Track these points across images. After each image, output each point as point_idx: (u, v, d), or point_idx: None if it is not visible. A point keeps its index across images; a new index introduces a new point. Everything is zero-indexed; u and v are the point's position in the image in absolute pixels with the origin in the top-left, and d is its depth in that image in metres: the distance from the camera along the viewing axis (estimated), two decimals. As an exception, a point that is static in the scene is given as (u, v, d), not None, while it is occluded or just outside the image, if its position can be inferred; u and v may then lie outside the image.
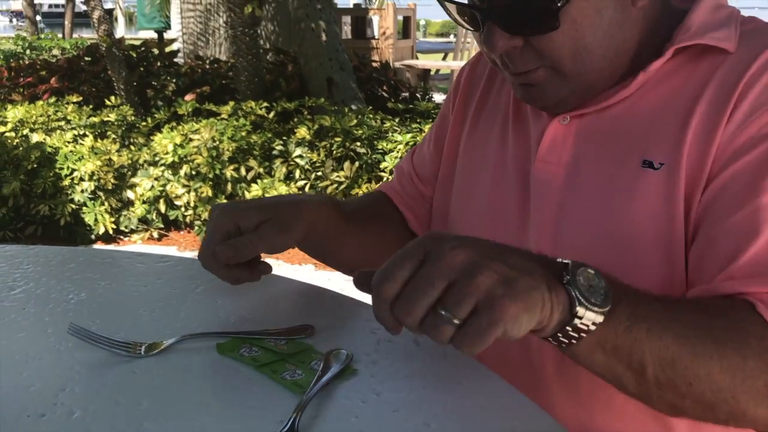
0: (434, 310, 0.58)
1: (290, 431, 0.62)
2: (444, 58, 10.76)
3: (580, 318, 0.61)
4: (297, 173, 3.88)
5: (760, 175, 0.72)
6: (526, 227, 0.87)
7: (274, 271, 0.93)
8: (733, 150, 0.74)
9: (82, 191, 3.91)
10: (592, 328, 0.61)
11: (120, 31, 18.99)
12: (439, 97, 6.38)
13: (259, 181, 3.85)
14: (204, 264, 0.87)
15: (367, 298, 0.95)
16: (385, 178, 3.86)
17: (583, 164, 0.83)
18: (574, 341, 0.62)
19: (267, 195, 3.77)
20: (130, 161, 4.00)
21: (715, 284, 0.72)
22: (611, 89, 0.82)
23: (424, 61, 9.57)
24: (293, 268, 3.58)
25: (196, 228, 3.97)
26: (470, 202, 0.96)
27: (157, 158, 3.98)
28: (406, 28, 10.12)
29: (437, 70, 9.65)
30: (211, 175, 3.88)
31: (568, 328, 0.61)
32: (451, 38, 18.86)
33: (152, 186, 3.93)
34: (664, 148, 0.78)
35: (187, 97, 4.97)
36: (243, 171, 3.90)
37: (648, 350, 0.63)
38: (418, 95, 6.02)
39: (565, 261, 0.63)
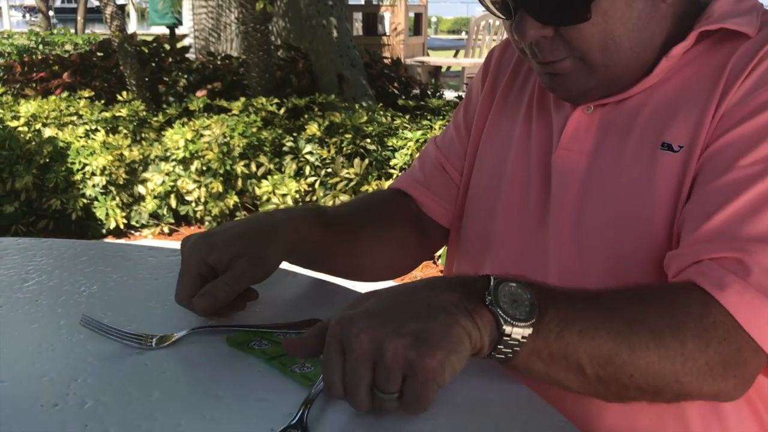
0: (374, 392, 0.61)
1: (299, 423, 0.63)
2: (455, 55, 10.74)
3: (509, 335, 0.63)
4: (307, 169, 3.89)
5: (749, 147, 0.74)
6: (547, 214, 0.87)
7: (284, 266, 0.93)
8: (732, 120, 0.76)
9: (94, 186, 3.93)
10: (523, 341, 0.63)
11: (132, 26, 19.08)
12: (450, 94, 6.37)
13: (269, 177, 3.86)
14: (180, 303, 0.83)
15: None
16: (395, 175, 3.86)
17: (605, 151, 0.84)
18: (510, 356, 0.64)
19: (277, 191, 3.78)
20: (141, 156, 4.01)
21: (681, 250, 0.73)
22: (636, 81, 0.83)
23: (435, 58, 9.56)
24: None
25: (207, 223, 3.99)
26: (490, 187, 0.96)
27: (168, 153, 4.00)
28: (417, 24, 10.11)
29: (448, 67, 9.64)
30: (221, 171, 3.89)
31: (500, 346, 0.63)
32: (463, 35, 18.82)
33: (163, 181, 3.95)
34: (684, 130, 0.79)
35: (199, 93, 4.99)
36: (253, 167, 3.91)
37: (583, 352, 0.65)
38: (428, 92, 6.01)
39: (488, 277, 0.65)
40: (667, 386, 0.67)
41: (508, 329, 0.62)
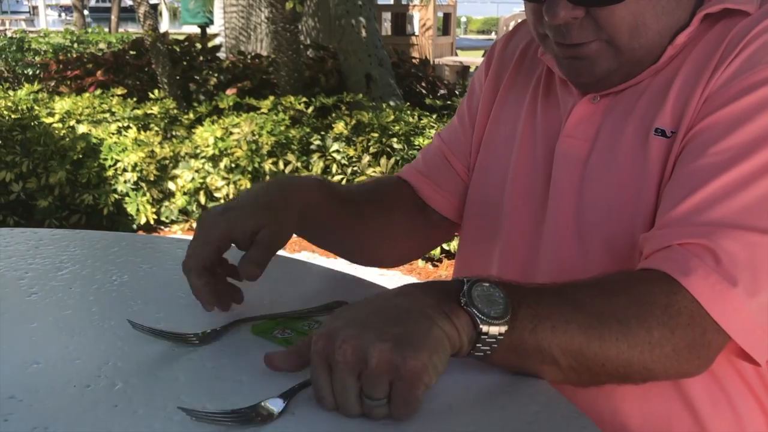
0: (363, 399, 0.63)
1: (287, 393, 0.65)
2: (484, 55, 10.71)
3: (486, 333, 0.65)
4: (334, 168, 3.92)
5: (726, 132, 0.74)
6: (548, 201, 0.89)
7: (308, 258, 0.96)
8: (714, 104, 0.77)
9: (125, 182, 4.00)
10: (500, 338, 0.66)
11: (164, 25, 19.28)
12: (477, 95, 6.36)
13: (296, 174, 3.90)
14: (187, 270, 0.81)
15: (396, 283, 0.98)
16: (421, 174, 3.87)
17: (604, 137, 0.85)
18: (488, 353, 0.67)
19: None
20: (171, 153, 4.08)
21: (652, 233, 0.75)
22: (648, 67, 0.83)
23: (464, 58, 9.55)
24: (327, 261, 3.62)
25: (235, 220, 4.04)
26: (496, 176, 0.97)
27: (198, 151, 4.06)
28: (446, 24, 10.10)
29: (477, 67, 9.61)
30: (250, 168, 3.94)
31: (478, 344, 0.66)
32: (492, 35, 18.70)
33: (193, 178, 4.01)
34: (675, 115, 0.80)
35: (229, 92, 5.05)
36: (281, 165, 3.95)
37: (556, 345, 0.67)
38: (456, 92, 6.01)
39: (461, 279, 0.67)
40: (636, 373, 0.70)
41: (485, 328, 0.65)
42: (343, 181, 3.87)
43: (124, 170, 4.00)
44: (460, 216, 1.05)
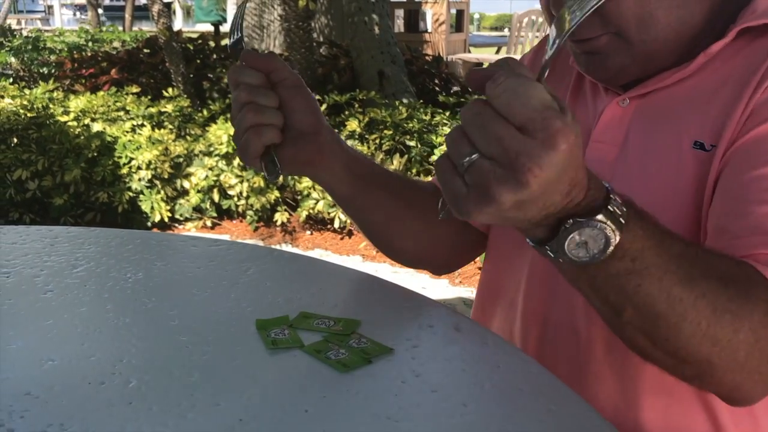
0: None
1: None
2: (497, 52, 10.67)
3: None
4: (347, 165, 3.92)
5: None
6: None
7: (320, 256, 0.95)
8: (761, 116, 0.75)
9: (140, 180, 4.02)
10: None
11: (178, 24, 19.39)
12: (490, 92, 6.33)
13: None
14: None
15: (410, 287, 0.97)
16: (434, 172, 3.86)
17: (635, 143, 0.84)
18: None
19: (317, 186, 3.81)
20: (185, 151, 4.10)
21: (724, 243, 0.71)
22: (672, 69, 0.82)
23: (477, 55, 9.52)
24: (341, 258, 3.62)
25: (248, 217, 4.05)
26: None
27: (211, 149, 4.07)
28: (459, 21, 10.07)
29: (490, 64, 9.56)
30: (263, 166, 3.95)
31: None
32: (505, 32, 18.65)
33: (206, 176, 4.02)
34: (716, 129, 0.78)
35: (242, 89, 5.05)
36: (294, 162, 3.95)
37: (640, 292, 0.61)
38: (469, 89, 5.99)
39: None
40: (694, 363, 0.65)
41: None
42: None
43: (139, 168, 4.02)
44: (488, 226, 1.03)
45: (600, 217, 0.57)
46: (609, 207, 0.58)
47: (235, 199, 4.05)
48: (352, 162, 0.94)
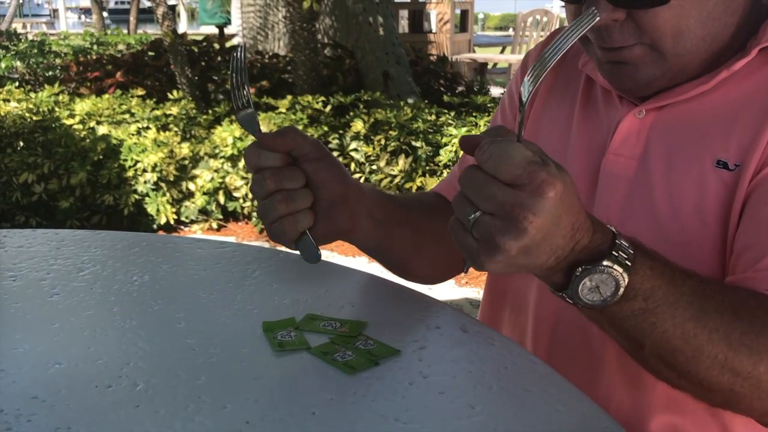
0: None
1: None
2: (502, 52, 10.67)
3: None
4: (352, 167, 3.92)
5: None
6: None
7: (326, 257, 0.95)
8: None
9: (145, 182, 4.03)
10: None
11: (182, 26, 19.43)
12: (496, 91, 6.34)
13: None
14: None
15: (416, 288, 0.97)
16: (439, 173, 3.87)
17: (655, 157, 0.82)
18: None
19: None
20: (191, 153, 4.10)
21: (745, 276, 0.72)
22: (691, 82, 0.80)
23: (482, 55, 9.51)
24: (347, 260, 3.62)
25: (254, 219, 4.05)
26: None
27: (216, 151, 4.08)
28: (463, 21, 10.07)
29: (495, 64, 9.57)
30: (268, 168, 3.95)
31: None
32: (510, 32, 18.65)
33: (212, 178, 4.03)
34: (741, 149, 0.76)
35: (247, 91, 5.05)
36: (299, 164, 3.95)
37: (656, 331, 0.65)
38: (474, 89, 5.99)
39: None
40: (717, 392, 0.67)
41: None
42: (362, 180, 3.87)
43: (144, 171, 4.03)
44: None
45: (606, 262, 0.62)
46: (614, 251, 0.62)
47: (241, 200, 4.05)
48: (376, 209, 0.90)
